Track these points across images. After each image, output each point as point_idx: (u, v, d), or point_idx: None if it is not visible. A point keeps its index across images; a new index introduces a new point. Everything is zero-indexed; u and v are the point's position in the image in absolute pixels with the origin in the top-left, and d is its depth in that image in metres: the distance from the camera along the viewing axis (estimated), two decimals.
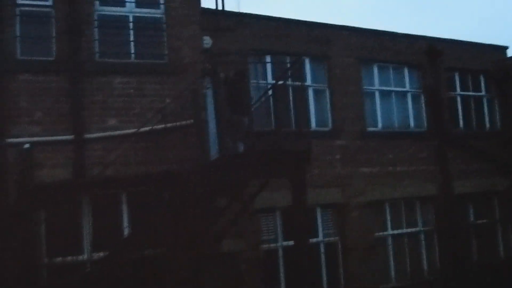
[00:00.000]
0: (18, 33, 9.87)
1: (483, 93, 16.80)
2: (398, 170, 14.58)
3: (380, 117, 14.74)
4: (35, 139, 9.59)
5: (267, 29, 13.25)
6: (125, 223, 9.95)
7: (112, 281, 8.87)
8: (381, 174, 14.27)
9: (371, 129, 14.49)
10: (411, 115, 15.28)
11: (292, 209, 10.03)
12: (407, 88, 15.39)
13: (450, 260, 14.84)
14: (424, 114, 15.46)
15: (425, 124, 15.43)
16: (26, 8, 10.02)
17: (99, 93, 10.15)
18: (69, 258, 9.39)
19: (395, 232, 14.38)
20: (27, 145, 9.44)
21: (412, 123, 15.27)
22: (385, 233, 14.26)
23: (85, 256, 9.61)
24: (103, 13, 10.47)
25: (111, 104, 10.19)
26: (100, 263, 9.15)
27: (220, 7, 12.87)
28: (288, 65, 12.58)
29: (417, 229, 14.80)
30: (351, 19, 43.14)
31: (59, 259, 9.26)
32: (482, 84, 16.82)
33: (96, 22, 10.33)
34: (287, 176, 10.04)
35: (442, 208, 15.08)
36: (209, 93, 10.92)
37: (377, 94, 14.82)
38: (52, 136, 9.71)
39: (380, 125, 14.73)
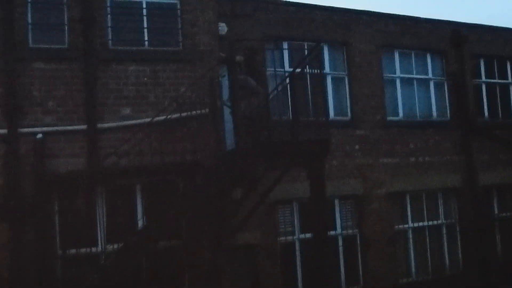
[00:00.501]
0: (29, 21, 9.99)
1: (509, 80, 16.67)
2: (420, 160, 14.56)
3: (401, 105, 14.67)
4: (48, 129, 9.72)
5: (285, 15, 13.23)
6: (140, 214, 10.09)
7: (127, 273, 9.02)
8: (402, 165, 14.27)
9: (392, 118, 14.44)
10: (434, 103, 15.21)
11: (310, 201, 10.10)
12: (430, 75, 15.31)
13: (473, 254, 14.82)
14: (448, 103, 15.37)
15: (449, 113, 15.36)
16: None
17: (113, 82, 10.25)
18: (83, 250, 9.54)
19: (416, 225, 14.38)
20: (40, 135, 9.57)
21: (435, 112, 15.21)
22: (406, 226, 14.28)
23: (99, 248, 9.76)
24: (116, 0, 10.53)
25: (125, 93, 10.29)
26: (115, 255, 9.30)
27: None
28: (306, 52, 12.57)
29: (439, 222, 14.80)
30: (371, 3, 42.71)
31: (73, 251, 9.42)
32: (509, 71, 16.67)
33: (109, 9, 10.41)
34: (305, 167, 10.12)
35: (466, 200, 15.05)
36: (225, 81, 11.05)
37: (398, 81, 14.75)
38: (65, 126, 9.85)
39: (401, 114, 14.67)
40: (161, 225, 9.30)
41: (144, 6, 10.69)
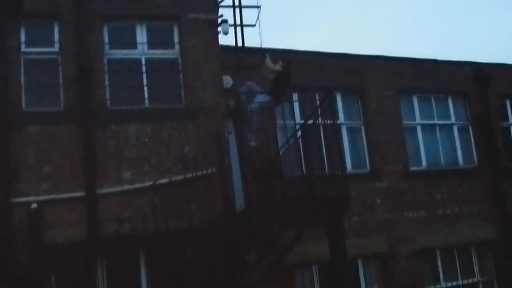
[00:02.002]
0: (23, 83, 10.10)
1: None
2: (449, 212, 14.36)
3: (424, 154, 14.64)
4: (44, 197, 9.67)
5: (294, 64, 13.26)
6: (144, 285, 9.91)
7: None
8: (429, 218, 14.07)
9: (414, 168, 14.36)
10: (459, 149, 15.14)
11: (330, 262, 9.89)
12: (453, 120, 15.29)
13: None
14: (474, 148, 15.28)
15: (476, 158, 15.25)
16: (31, 56, 10.26)
17: (112, 143, 10.24)
18: None
19: (449, 284, 14.02)
20: (34, 205, 9.52)
21: (461, 159, 15.11)
22: (438, 286, 13.92)
23: None
24: (113, 57, 10.64)
25: (126, 155, 10.27)
26: None
27: (240, 43, 12.97)
28: (318, 102, 12.58)
29: (475, 280, 14.43)
30: (384, 48, 43.27)
31: None
32: None
33: (106, 67, 10.51)
34: (323, 226, 9.95)
35: (503, 254, 14.71)
36: (232, 137, 11.02)
37: (419, 128, 14.76)
38: (62, 193, 9.79)
39: (424, 163, 14.60)
40: None
41: (143, 62, 10.78)
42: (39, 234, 9.47)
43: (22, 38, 10.30)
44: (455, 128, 15.26)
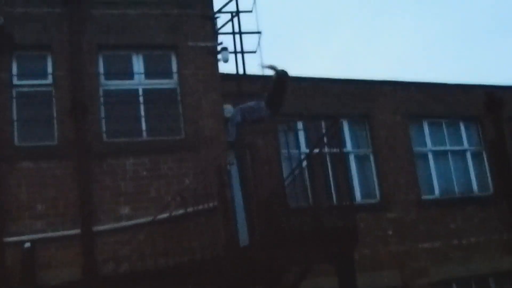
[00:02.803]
0: (15, 117, 10.08)
1: None
2: (465, 243, 14.23)
3: (436, 182, 14.60)
4: (38, 236, 9.57)
5: (298, 91, 13.36)
6: None
7: None
8: (444, 249, 13.95)
9: (427, 197, 14.31)
10: (473, 176, 15.08)
11: None
12: (466, 145, 15.27)
13: None
14: (489, 174, 15.20)
15: (491, 185, 15.15)
16: (24, 89, 10.26)
17: (109, 178, 10.17)
18: None
19: None
20: (27, 244, 9.41)
21: (475, 186, 15.04)
22: None
23: None
24: (109, 88, 10.63)
25: (123, 189, 10.19)
26: None
27: (241, 71, 12.96)
28: (324, 130, 12.54)
29: None
30: (393, 72, 43.40)
31: None
32: None
33: (101, 98, 10.49)
34: (331, 260, 9.80)
35: None
36: (235, 169, 10.95)
37: (430, 155, 14.74)
38: (57, 231, 9.69)
39: (437, 191, 14.55)
40: None
41: (141, 93, 10.77)
42: (33, 275, 9.34)
43: (14, 70, 10.32)
44: (468, 154, 15.22)
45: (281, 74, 11.25)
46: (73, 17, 10.55)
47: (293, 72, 11.73)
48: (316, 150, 10.44)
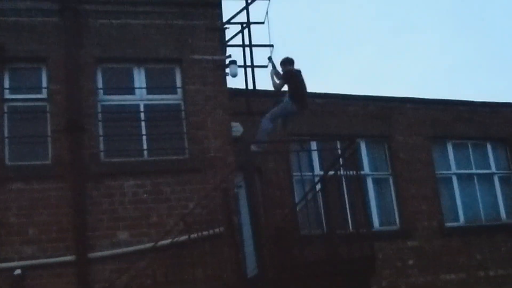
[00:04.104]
0: (6, 134, 10.07)
1: None
2: (492, 274, 14.17)
3: (461, 208, 14.59)
4: (29, 262, 9.52)
5: (312, 109, 13.27)
6: None
7: None
8: (469, 281, 13.88)
9: (451, 224, 14.29)
10: (501, 202, 15.05)
11: None
12: (493, 169, 15.24)
13: None
14: None
15: None
16: (16, 104, 10.27)
17: (106, 201, 10.12)
18: None
19: None
20: (18, 271, 9.38)
21: (503, 213, 15.00)
22: None
23: None
24: (108, 103, 10.63)
25: (122, 214, 10.14)
26: None
27: (251, 86, 12.87)
28: (340, 151, 12.44)
29: None
30: (415, 90, 43.28)
31: None
32: None
33: (100, 115, 10.48)
34: None
35: None
36: (243, 192, 10.87)
37: (454, 179, 14.74)
38: (49, 257, 9.63)
39: (462, 218, 14.53)
40: None
41: (142, 109, 10.76)
42: None
43: (6, 84, 10.32)
44: (495, 178, 15.20)
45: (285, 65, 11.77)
46: (70, 27, 10.54)
47: (308, 87, 11.76)
48: (331, 173, 10.47)
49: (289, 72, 11.77)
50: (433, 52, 45.46)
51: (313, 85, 29.29)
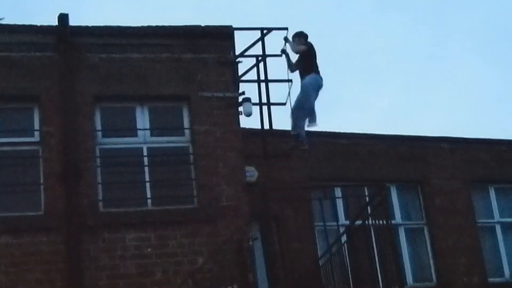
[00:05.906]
0: None
1: None
2: None
3: (506, 261, 14.40)
4: None
5: (335, 151, 13.54)
6: None
7: None
8: None
9: (495, 279, 14.14)
10: None
11: None
12: None
13: None
14: None
15: None
16: (5, 148, 10.27)
17: (105, 256, 10.06)
18: None
19: None
20: None
21: None
22: None
23: None
24: (108, 147, 10.67)
25: (122, 270, 10.06)
26: None
27: (267, 126, 12.74)
28: (368, 198, 12.35)
29: None
30: (452, 128, 43.06)
31: None
32: None
33: (98, 160, 10.48)
34: None
35: None
36: (258, 245, 10.76)
37: (498, 228, 14.63)
38: None
39: (507, 272, 14.32)
40: None
41: (145, 153, 10.76)
42: None
43: None
44: None
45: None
46: (65, 63, 10.57)
47: (331, 127, 11.79)
48: (358, 222, 10.39)
49: (310, 43, 12.56)
50: (471, 83, 45.26)
51: (336, 124, 29.33)
